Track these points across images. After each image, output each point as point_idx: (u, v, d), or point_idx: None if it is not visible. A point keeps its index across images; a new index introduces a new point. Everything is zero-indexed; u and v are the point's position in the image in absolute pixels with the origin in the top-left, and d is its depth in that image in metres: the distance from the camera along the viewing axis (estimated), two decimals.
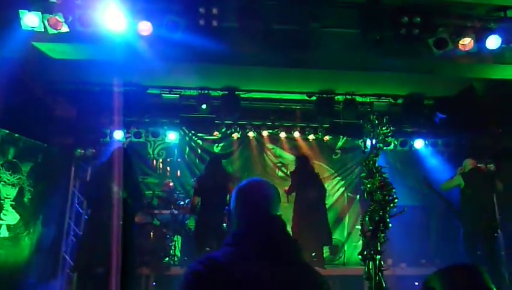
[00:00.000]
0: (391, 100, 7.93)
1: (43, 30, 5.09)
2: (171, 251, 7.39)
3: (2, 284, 5.56)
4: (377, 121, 3.52)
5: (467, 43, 5.20)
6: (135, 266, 5.96)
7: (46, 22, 4.99)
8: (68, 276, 7.21)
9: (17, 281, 5.88)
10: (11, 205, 5.92)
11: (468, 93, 6.92)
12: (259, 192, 1.75)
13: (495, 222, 6.33)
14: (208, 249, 5.25)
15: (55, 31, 5.08)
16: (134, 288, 5.88)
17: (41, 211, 6.72)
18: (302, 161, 7.57)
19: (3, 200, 5.81)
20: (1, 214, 5.76)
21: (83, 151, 7.77)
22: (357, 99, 7.81)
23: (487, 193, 6.36)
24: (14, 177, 6.00)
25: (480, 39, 5.23)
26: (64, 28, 5.07)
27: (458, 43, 5.24)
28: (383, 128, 3.48)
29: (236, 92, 7.70)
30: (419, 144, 8.60)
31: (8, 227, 5.84)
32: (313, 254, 7.47)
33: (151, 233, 6.81)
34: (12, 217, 5.95)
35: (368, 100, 7.92)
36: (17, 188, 6.07)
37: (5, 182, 5.83)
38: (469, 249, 5.96)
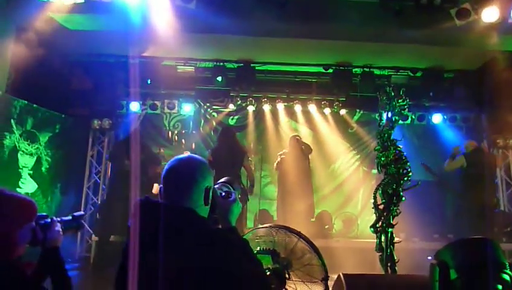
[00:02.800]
0: (410, 73, 7.77)
1: (58, 0, 5.10)
2: None
3: None
4: (393, 94, 3.47)
5: (490, 13, 5.01)
6: None
7: None
8: (87, 243, 7.44)
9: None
10: (29, 174, 6.09)
11: (490, 66, 6.72)
12: (166, 179, 1.69)
13: (494, 200, 6.81)
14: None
15: (71, 2, 5.09)
16: None
17: (59, 180, 6.88)
18: (294, 141, 7.48)
19: (22, 169, 5.97)
20: (19, 182, 5.92)
21: (99, 122, 7.86)
22: (375, 72, 7.67)
23: (489, 172, 6.61)
24: (32, 147, 6.14)
25: (504, 9, 5.03)
26: None
27: (481, 13, 5.05)
28: (399, 101, 3.43)
29: (252, 64, 7.64)
30: (437, 118, 8.43)
31: (26, 195, 6.03)
32: (326, 227, 7.57)
33: None
34: (30, 185, 6.12)
35: (386, 73, 7.78)
36: (35, 158, 6.22)
37: (23, 151, 5.97)
38: (468, 226, 6.16)
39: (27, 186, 6.07)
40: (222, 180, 1.93)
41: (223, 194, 1.80)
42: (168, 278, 1.45)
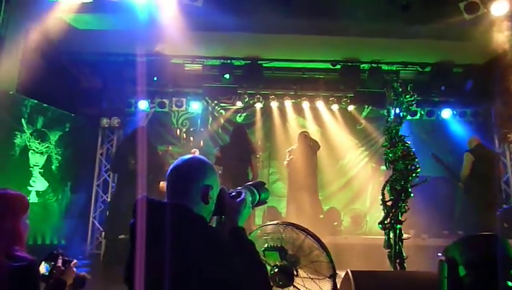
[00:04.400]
0: (418, 68, 7.71)
1: (67, 0, 5.15)
2: None
3: (33, 248, 5.86)
4: (400, 89, 3.45)
5: (499, 6, 4.95)
6: None
7: None
8: (98, 241, 7.52)
9: (47, 245, 6.19)
10: (40, 173, 6.18)
11: (499, 60, 6.65)
12: (169, 177, 1.73)
13: (500, 195, 6.78)
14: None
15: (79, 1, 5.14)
16: None
17: (69, 178, 6.97)
18: (303, 137, 7.43)
19: (33, 167, 6.07)
20: (30, 181, 6.02)
21: (108, 120, 7.92)
22: (383, 67, 7.62)
23: (494, 167, 6.47)
24: (42, 146, 6.23)
25: None
26: None
27: (490, 7, 5.00)
28: (407, 97, 3.41)
29: (259, 62, 7.64)
30: (446, 113, 8.36)
31: (37, 193, 6.13)
32: (335, 223, 7.57)
33: None
34: (41, 184, 6.22)
35: (394, 69, 7.72)
36: (45, 156, 6.31)
37: (34, 150, 6.06)
38: (478, 222, 6.13)
39: (38, 184, 6.16)
40: (249, 183, 1.92)
41: (233, 193, 1.79)
42: (167, 276, 1.46)
